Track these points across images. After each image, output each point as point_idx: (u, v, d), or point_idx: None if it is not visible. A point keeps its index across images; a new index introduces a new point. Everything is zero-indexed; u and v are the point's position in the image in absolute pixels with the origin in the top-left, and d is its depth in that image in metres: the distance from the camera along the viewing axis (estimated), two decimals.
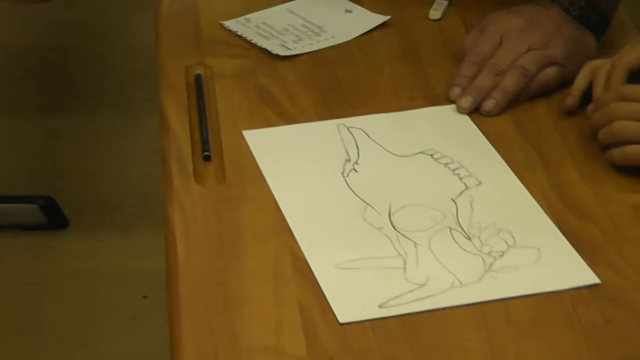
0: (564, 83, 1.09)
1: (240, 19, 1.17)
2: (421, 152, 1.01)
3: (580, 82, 1.05)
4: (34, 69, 2.46)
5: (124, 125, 2.26)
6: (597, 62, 1.06)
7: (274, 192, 0.95)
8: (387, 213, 0.94)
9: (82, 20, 2.58)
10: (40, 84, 2.42)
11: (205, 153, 0.98)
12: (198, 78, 1.07)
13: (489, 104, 1.07)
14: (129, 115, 2.29)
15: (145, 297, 1.88)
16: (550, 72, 1.09)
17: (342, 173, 0.98)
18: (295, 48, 1.13)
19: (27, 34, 2.56)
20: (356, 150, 1.01)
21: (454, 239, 0.92)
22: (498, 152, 1.02)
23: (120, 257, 1.97)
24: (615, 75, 1.02)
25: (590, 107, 1.03)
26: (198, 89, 1.06)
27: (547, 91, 1.09)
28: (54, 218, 2.04)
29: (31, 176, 2.15)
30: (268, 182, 0.96)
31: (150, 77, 1.26)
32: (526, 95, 1.08)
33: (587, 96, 1.05)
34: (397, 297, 0.85)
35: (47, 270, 1.95)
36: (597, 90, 1.03)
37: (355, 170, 0.99)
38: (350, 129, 1.04)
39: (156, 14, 1.18)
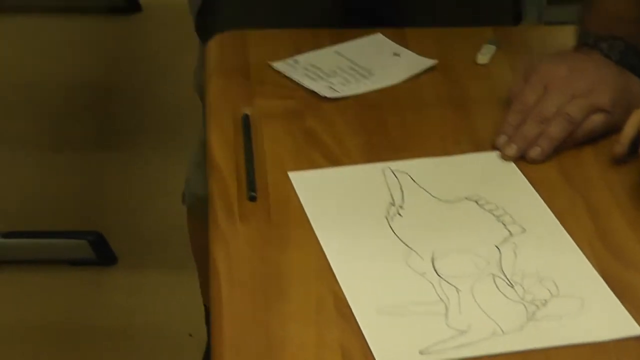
0: (611, 130, 1.09)
1: (288, 60, 1.19)
2: (466, 198, 1.01)
3: (628, 130, 1.05)
4: (86, 104, 2.50)
5: (172, 162, 2.28)
6: None
7: (317, 234, 0.95)
8: (430, 258, 0.94)
9: (135, 59, 2.62)
10: (91, 119, 2.46)
11: (252, 193, 0.99)
12: (245, 118, 1.08)
13: (534, 152, 1.07)
14: (177, 152, 2.31)
15: (190, 335, 1.89)
16: (596, 119, 1.09)
17: (386, 217, 0.98)
18: (342, 90, 1.14)
19: (81, 70, 2.61)
20: (401, 194, 1.01)
21: (496, 286, 0.91)
22: (543, 199, 1.01)
23: (167, 294, 1.99)
24: None
25: None
26: (245, 129, 1.07)
27: (594, 138, 1.09)
28: (102, 254, 2.06)
29: (81, 212, 2.18)
30: (312, 223, 0.96)
31: (198, 115, 1.27)
32: (572, 143, 1.08)
33: (635, 144, 1.04)
34: (438, 343, 0.85)
35: (94, 305, 1.97)
36: None
37: (400, 215, 0.99)
38: (395, 173, 1.04)
39: (207, 54, 1.19)
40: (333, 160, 1.05)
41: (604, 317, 0.89)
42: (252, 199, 0.99)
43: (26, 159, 2.31)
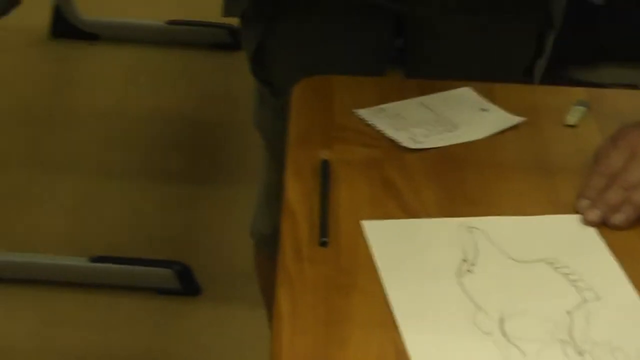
0: None
1: (374, 108, 1.19)
2: (542, 261, 0.99)
3: None
4: (182, 138, 2.55)
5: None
6: None
7: (384, 284, 0.94)
8: (498, 319, 0.92)
9: (235, 96, 2.66)
10: (187, 153, 2.50)
11: (323, 239, 0.99)
12: (324, 164, 1.09)
13: (618, 218, 1.04)
14: None
15: None
16: None
17: (457, 273, 0.97)
18: (424, 142, 1.14)
19: (179, 103, 2.66)
20: (474, 251, 1.00)
21: (564, 353, 0.89)
22: (622, 267, 0.99)
23: (249, 328, 2.00)
24: None
25: None
26: (323, 174, 1.07)
27: None
28: (187, 284, 2.09)
29: (169, 242, 2.21)
30: (381, 273, 0.96)
31: None
32: None
33: None
34: None
35: (175, 335, 1.99)
36: None
37: (471, 272, 0.97)
38: (471, 229, 1.03)
39: (292, 97, 1.20)
40: (408, 211, 1.04)
41: None
42: (324, 244, 0.98)
43: (121, 188, 2.36)
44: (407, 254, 0.99)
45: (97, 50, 2.84)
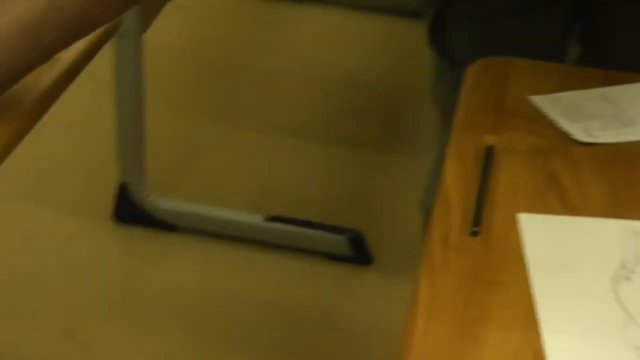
0: None
1: (550, 96, 1.13)
2: None
3: None
4: (370, 104, 2.54)
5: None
6: None
7: (533, 283, 0.90)
8: None
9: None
10: (373, 119, 2.49)
11: (475, 228, 0.95)
12: (488, 150, 1.04)
13: None
14: None
15: None
16: None
17: (613, 279, 0.91)
18: (599, 136, 1.07)
19: (371, 69, 2.65)
20: (636, 257, 0.94)
21: None
22: None
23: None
24: None
25: None
26: (486, 161, 1.03)
27: None
28: (359, 253, 2.08)
29: (347, 208, 2.22)
30: (530, 270, 0.91)
31: None
32: None
33: None
34: None
35: (341, 302, 2.00)
36: None
37: (629, 279, 0.91)
38: (637, 234, 0.96)
39: (465, 77, 1.16)
40: (570, 207, 0.98)
41: None
42: (474, 233, 0.95)
43: (305, 150, 2.38)
44: (562, 253, 0.94)
45: (304, 11, 2.86)
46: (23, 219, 2.13)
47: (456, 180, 1.01)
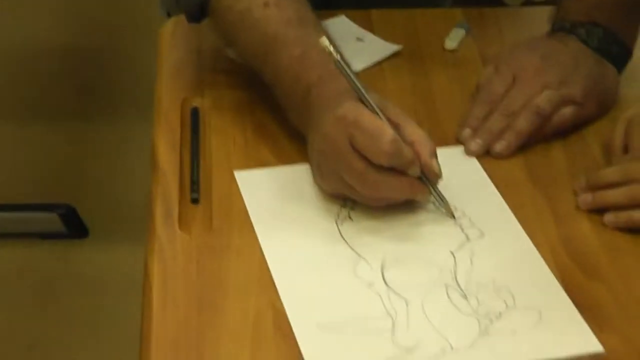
0: (582, 123, 1.03)
1: None
2: None
3: (618, 142, 0.98)
4: (62, 71, 2.43)
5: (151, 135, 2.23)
6: (632, 112, 0.99)
7: (260, 241, 0.90)
8: (380, 267, 0.88)
9: (116, 22, 2.54)
10: (68, 87, 2.38)
11: (194, 195, 0.93)
12: (194, 112, 1.02)
13: (499, 146, 1.01)
14: None
15: None
16: (566, 112, 1.03)
17: (337, 221, 0.93)
18: None
19: (59, 34, 2.53)
20: None
21: (449, 297, 0.86)
22: (506, 200, 0.96)
23: (139, 269, 1.94)
24: None
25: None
26: (193, 123, 1.01)
27: (564, 133, 1.03)
28: (73, 227, 2.01)
29: (52, 184, 2.12)
30: (256, 229, 0.91)
31: None
32: (540, 137, 1.02)
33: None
34: None
35: (63, 279, 1.93)
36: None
37: (351, 218, 0.93)
38: None
39: (158, 42, 1.13)
40: (284, 157, 0.98)
41: (562, 332, 0.83)
42: (195, 201, 0.93)
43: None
44: (283, 204, 0.94)
45: None
46: None
47: (166, 149, 0.98)
